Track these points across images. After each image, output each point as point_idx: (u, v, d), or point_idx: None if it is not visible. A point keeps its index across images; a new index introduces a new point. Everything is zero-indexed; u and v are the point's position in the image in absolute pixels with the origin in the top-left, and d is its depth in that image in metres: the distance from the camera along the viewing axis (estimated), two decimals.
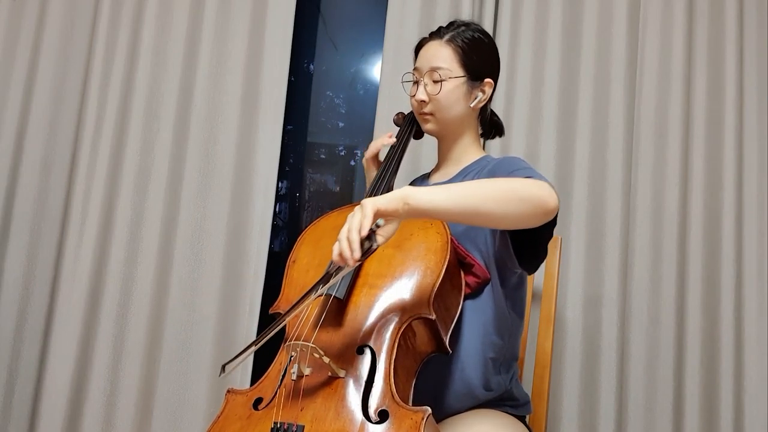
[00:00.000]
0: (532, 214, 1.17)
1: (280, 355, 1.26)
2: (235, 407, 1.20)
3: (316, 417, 1.11)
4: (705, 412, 1.88)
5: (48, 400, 1.96)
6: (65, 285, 2.03)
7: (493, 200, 1.14)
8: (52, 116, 2.13)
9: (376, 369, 1.16)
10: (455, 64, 1.43)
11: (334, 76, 2.52)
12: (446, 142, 1.52)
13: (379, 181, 1.45)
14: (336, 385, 1.15)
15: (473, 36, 1.46)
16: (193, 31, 2.14)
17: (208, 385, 1.99)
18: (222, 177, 2.08)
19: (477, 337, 1.34)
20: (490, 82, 1.48)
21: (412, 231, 1.33)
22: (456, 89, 1.43)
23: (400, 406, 1.10)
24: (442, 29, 1.48)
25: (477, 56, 1.45)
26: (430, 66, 1.43)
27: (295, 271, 1.38)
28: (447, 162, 1.53)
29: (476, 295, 1.36)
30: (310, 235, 1.44)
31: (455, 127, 1.48)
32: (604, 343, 1.96)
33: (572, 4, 2.11)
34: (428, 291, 1.22)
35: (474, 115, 1.50)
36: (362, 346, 1.19)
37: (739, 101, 1.99)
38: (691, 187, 1.98)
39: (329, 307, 1.25)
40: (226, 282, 2.03)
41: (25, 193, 2.10)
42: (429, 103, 1.44)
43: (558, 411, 1.96)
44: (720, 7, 2.04)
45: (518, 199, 1.15)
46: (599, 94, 2.07)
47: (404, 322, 1.21)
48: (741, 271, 1.91)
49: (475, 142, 1.53)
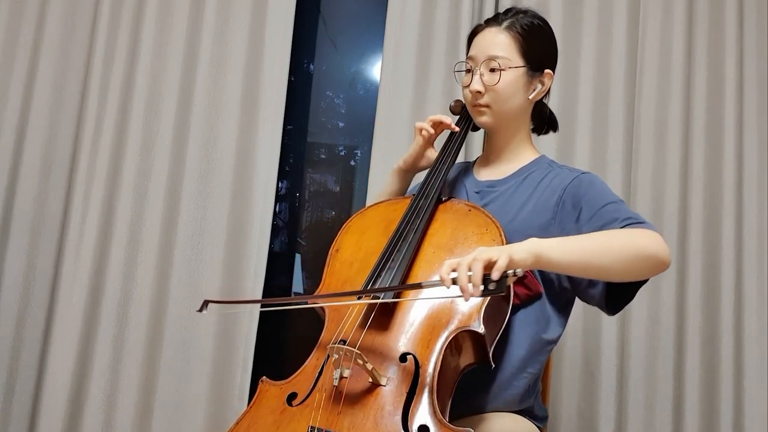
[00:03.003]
0: (647, 270, 1.18)
1: (318, 351, 1.21)
2: (268, 399, 1.17)
3: (353, 424, 1.07)
4: (705, 412, 1.88)
5: (48, 400, 1.97)
6: (65, 285, 2.03)
7: (616, 259, 1.15)
8: (52, 116, 2.13)
9: (419, 380, 1.11)
10: (515, 52, 1.34)
11: (334, 76, 2.52)
12: (499, 137, 1.43)
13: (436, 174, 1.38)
14: (377, 393, 1.10)
15: (533, 23, 1.37)
16: (193, 31, 2.14)
17: (208, 385, 1.98)
18: (222, 177, 2.08)
19: (521, 350, 1.28)
20: (549, 73, 1.40)
21: (467, 235, 1.27)
22: (516, 80, 1.35)
23: (443, 425, 1.05)
24: (499, 15, 1.39)
25: (537, 44, 1.37)
26: (487, 54, 1.34)
27: (338, 262, 1.32)
28: (500, 158, 1.44)
29: (524, 307, 1.29)
30: (356, 224, 1.38)
31: (511, 120, 1.40)
32: (604, 343, 1.96)
33: (572, 4, 2.11)
34: (479, 304, 1.16)
35: (530, 108, 1.43)
36: (406, 354, 1.14)
37: (739, 101, 1.99)
38: (691, 187, 1.98)
39: (376, 312, 1.19)
40: (226, 282, 2.03)
41: (25, 193, 2.09)
42: (485, 94, 1.35)
43: (558, 411, 1.96)
44: (720, 7, 2.04)
45: (639, 256, 1.16)
46: (599, 94, 2.07)
47: (452, 333, 1.15)
48: (741, 271, 1.91)
49: (529, 137, 1.45)
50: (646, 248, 1.16)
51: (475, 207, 1.32)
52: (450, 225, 1.30)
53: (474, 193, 1.42)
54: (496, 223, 1.26)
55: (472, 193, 1.42)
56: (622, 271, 1.17)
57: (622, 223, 1.21)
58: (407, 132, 2.02)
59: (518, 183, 1.38)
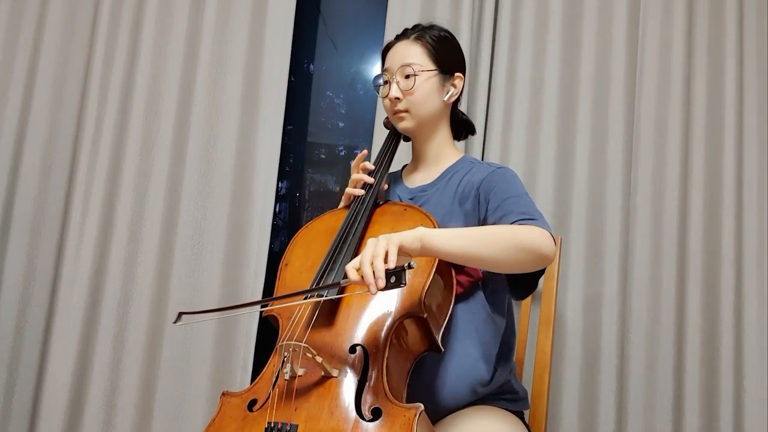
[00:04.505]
0: (530, 263, 1.25)
1: (274, 356, 1.26)
2: (230, 409, 1.21)
3: (309, 416, 1.11)
4: (705, 412, 1.88)
5: (48, 400, 1.97)
6: (65, 285, 2.03)
7: (497, 250, 1.22)
8: (52, 116, 2.13)
9: (368, 368, 1.16)
10: (426, 58, 1.45)
11: (334, 76, 2.52)
12: (422, 141, 1.52)
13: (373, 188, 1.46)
14: (329, 385, 1.15)
15: (440, 34, 1.49)
16: (193, 31, 2.14)
17: (208, 385, 1.99)
18: (222, 177, 2.08)
19: (471, 335, 1.35)
20: (460, 76, 1.50)
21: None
22: (429, 82, 1.44)
23: (393, 404, 1.11)
24: (407, 30, 1.50)
25: (446, 51, 1.48)
26: (401, 62, 1.45)
27: (288, 274, 1.38)
28: (425, 162, 1.53)
29: (469, 294, 1.36)
30: (302, 238, 1.45)
31: (430, 123, 1.49)
32: (604, 343, 1.96)
33: (572, 4, 2.11)
34: (419, 290, 1.22)
35: (447, 111, 1.52)
36: (354, 346, 1.19)
37: (739, 101, 1.98)
38: (691, 187, 1.97)
39: (321, 307, 1.26)
40: (226, 282, 2.03)
41: (25, 193, 2.10)
42: (403, 99, 1.44)
43: (558, 411, 1.96)
44: (720, 7, 2.04)
45: (521, 249, 1.23)
46: (599, 94, 2.07)
47: (396, 321, 1.21)
48: (741, 271, 1.91)
49: (450, 140, 1.55)
50: (526, 242, 1.23)
51: (410, 206, 1.41)
52: (388, 224, 1.38)
53: (408, 199, 1.50)
54: (431, 217, 1.34)
55: (406, 199, 1.50)
56: (502, 261, 1.23)
57: (515, 216, 1.30)
58: None
59: (445, 183, 1.47)
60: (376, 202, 1.44)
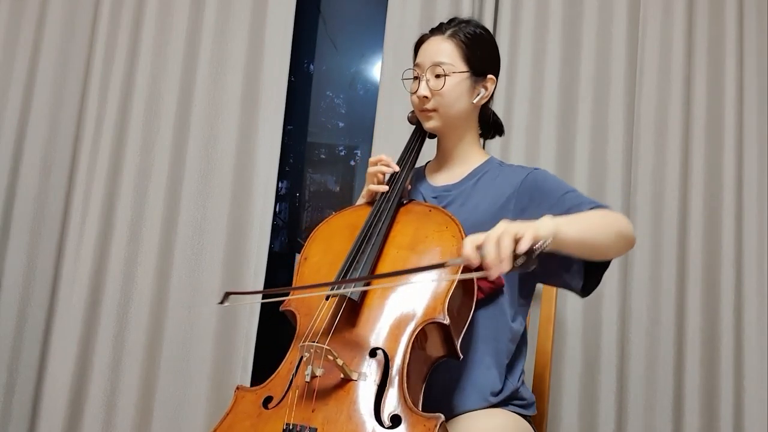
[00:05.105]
0: (624, 247, 1.27)
1: (291, 353, 1.25)
2: (244, 405, 1.19)
3: (328, 419, 1.10)
4: (705, 412, 1.88)
5: (48, 400, 1.97)
6: (65, 285, 2.03)
7: (608, 236, 1.23)
8: (52, 116, 2.13)
9: (389, 372, 1.15)
10: (458, 59, 1.41)
11: (334, 76, 2.52)
12: (448, 141, 1.49)
13: (397, 179, 1.42)
14: (348, 388, 1.13)
15: (475, 32, 1.44)
16: (193, 31, 2.14)
17: (208, 385, 1.98)
18: (222, 177, 2.08)
19: (488, 342, 1.33)
20: (492, 78, 1.46)
21: (427, 233, 1.31)
22: (459, 84, 1.41)
23: (414, 412, 1.09)
24: (443, 25, 1.46)
25: (479, 52, 1.43)
26: (432, 61, 1.41)
27: (306, 269, 1.35)
28: (451, 162, 1.50)
29: (489, 300, 1.34)
30: (322, 232, 1.41)
31: (458, 124, 1.46)
32: (604, 343, 1.96)
33: (572, 4, 2.11)
34: (443, 296, 1.20)
35: (476, 113, 1.49)
36: (375, 349, 1.18)
37: (739, 101, 1.98)
38: (691, 187, 1.97)
39: (344, 309, 1.23)
40: (226, 282, 2.03)
41: (25, 193, 2.10)
42: (432, 98, 1.41)
43: (558, 411, 1.96)
44: (720, 7, 2.04)
45: (620, 234, 1.24)
46: (599, 94, 2.07)
47: (419, 327, 1.19)
48: (741, 271, 1.91)
49: (477, 141, 1.52)
50: (621, 226, 1.25)
51: (434, 207, 1.38)
52: (412, 225, 1.35)
53: (432, 198, 1.47)
54: (456, 220, 1.31)
55: (430, 198, 1.47)
56: (612, 247, 1.24)
57: (589, 205, 1.29)
58: (407, 132, 2.02)
59: (473, 184, 1.45)
60: (400, 201, 1.41)
